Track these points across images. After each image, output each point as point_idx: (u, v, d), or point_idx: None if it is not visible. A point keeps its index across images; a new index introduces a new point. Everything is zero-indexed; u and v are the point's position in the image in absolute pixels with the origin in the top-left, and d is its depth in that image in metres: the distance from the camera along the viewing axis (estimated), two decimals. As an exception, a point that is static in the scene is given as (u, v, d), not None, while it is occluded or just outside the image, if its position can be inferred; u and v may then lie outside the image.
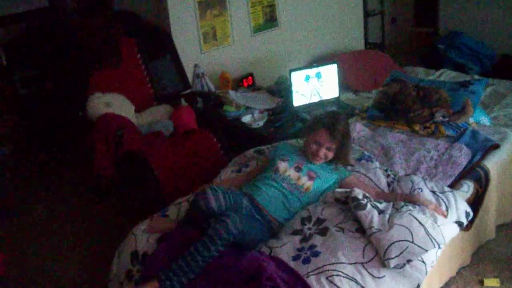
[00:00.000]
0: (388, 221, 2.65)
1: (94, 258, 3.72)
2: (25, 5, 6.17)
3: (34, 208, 4.51)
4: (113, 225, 4.07)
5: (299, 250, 2.64)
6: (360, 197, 2.79)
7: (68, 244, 3.96)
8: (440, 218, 2.75)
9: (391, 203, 2.87)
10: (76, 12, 6.26)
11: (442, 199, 2.90)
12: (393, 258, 2.47)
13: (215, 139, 4.03)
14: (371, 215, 2.68)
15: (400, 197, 2.90)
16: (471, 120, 3.88)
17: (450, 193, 2.96)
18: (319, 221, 2.82)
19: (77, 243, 3.95)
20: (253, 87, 5.11)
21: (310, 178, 3.04)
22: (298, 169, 3.06)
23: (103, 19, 4.83)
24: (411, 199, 2.87)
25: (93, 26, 4.63)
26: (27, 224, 4.29)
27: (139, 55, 4.60)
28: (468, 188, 3.19)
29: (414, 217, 2.64)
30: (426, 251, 2.53)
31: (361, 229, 2.70)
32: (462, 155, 3.40)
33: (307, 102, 4.60)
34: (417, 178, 3.10)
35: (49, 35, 5.94)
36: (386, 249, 2.50)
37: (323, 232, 2.73)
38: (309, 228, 2.78)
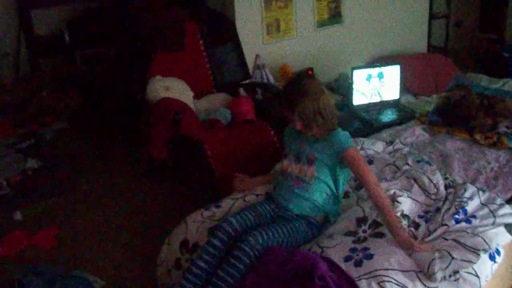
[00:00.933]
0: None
1: (141, 240, 3.74)
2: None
3: (86, 184, 4.56)
4: (164, 208, 4.08)
5: (352, 251, 2.60)
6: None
7: (116, 223, 4.00)
8: (481, 225, 2.73)
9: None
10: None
11: (491, 210, 2.85)
12: (437, 272, 2.42)
13: (272, 131, 4.01)
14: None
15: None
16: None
17: (503, 206, 2.90)
18: (376, 224, 2.78)
19: (125, 223, 3.97)
20: (313, 82, 5.07)
21: (310, 162, 2.89)
22: (298, 159, 2.94)
23: (168, 1, 4.87)
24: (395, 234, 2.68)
25: (158, 7, 4.67)
26: (79, 199, 4.35)
27: (201, 41, 4.62)
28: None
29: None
30: (472, 262, 2.48)
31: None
32: (524, 168, 3.33)
33: (367, 102, 4.55)
34: (471, 188, 3.04)
35: (113, 15, 6.04)
36: (429, 263, 2.45)
37: (379, 235, 2.70)
38: (364, 231, 2.75)
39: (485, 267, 2.53)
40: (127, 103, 4.69)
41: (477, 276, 2.49)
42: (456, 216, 2.80)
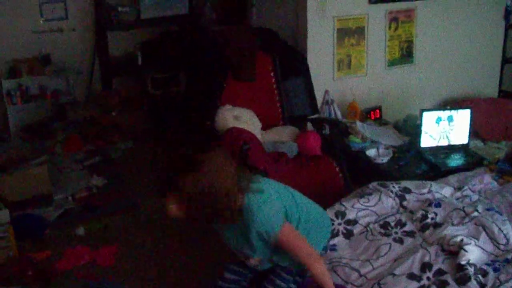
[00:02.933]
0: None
1: (198, 263, 3.77)
2: (167, 10, 6.42)
3: (148, 204, 4.62)
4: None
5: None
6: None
7: (175, 245, 4.04)
8: None
9: None
10: (214, 21, 6.48)
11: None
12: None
13: (337, 168, 4.01)
14: None
15: None
16: None
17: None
18: (440, 272, 2.74)
19: (183, 244, 4.02)
20: (380, 121, 5.05)
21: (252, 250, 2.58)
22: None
23: (243, 31, 4.95)
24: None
25: (232, 37, 4.75)
26: (140, 219, 4.44)
27: (273, 73, 4.66)
28: None
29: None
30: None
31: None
32: None
33: (435, 145, 4.50)
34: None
35: (186, 41, 6.17)
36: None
37: (442, 285, 2.65)
38: (428, 278, 2.71)
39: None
40: (195, 130, 4.75)
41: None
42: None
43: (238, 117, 4.23)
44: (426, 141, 4.48)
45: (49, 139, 6.02)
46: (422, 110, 4.46)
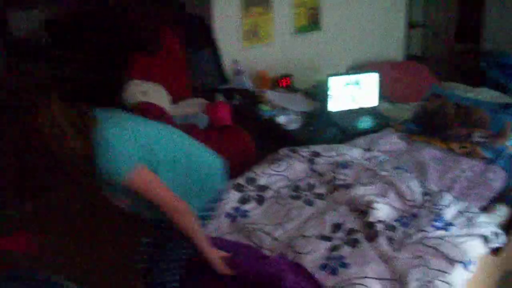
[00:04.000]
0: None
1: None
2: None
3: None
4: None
5: (327, 259, 2.61)
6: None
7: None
8: (460, 234, 2.74)
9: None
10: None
11: (467, 219, 2.88)
12: (412, 282, 2.42)
13: (249, 137, 4.01)
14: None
15: None
16: (509, 144, 3.81)
17: (479, 214, 2.93)
18: (351, 231, 2.80)
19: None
20: (290, 89, 5.07)
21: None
22: None
23: (145, 3, 4.84)
24: None
25: (136, 10, 4.64)
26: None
27: (179, 46, 4.59)
28: (501, 212, 3.13)
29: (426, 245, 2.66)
30: (448, 273, 2.50)
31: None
32: (497, 178, 3.36)
33: (344, 109, 4.56)
34: (448, 196, 3.07)
35: (90, 15, 5.99)
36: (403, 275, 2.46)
37: (353, 243, 2.71)
38: (340, 238, 2.76)
39: (459, 277, 2.55)
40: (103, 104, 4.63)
41: (451, 285, 2.50)
42: (435, 223, 2.83)
43: (146, 92, 4.15)
44: (335, 105, 4.54)
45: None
46: (328, 75, 4.51)
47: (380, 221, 2.83)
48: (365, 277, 2.44)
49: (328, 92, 4.49)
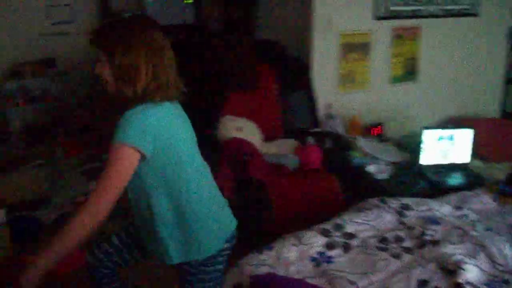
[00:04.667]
0: None
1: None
2: (174, 19, 6.43)
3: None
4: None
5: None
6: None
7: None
8: None
9: None
10: (220, 32, 6.50)
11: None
12: None
13: (337, 183, 4.01)
14: None
15: None
16: None
17: None
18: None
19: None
20: (382, 137, 5.05)
21: None
22: None
23: (246, 43, 4.96)
24: None
25: (236, 48, 4.76)
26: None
27: (275, 85, 4.67)
28: None
29: None
30: None
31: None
32: None
33: (435, 163, 4.49)
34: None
35: (189, 50, 6.18)
36: None
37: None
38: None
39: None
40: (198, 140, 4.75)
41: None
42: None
43: (240, 128, 4.23)
44: (426, 158, 4.48)
45: (49, 142, 6.01)
46: (423, 128, 4.47)
47: (468, 283, 2.75)
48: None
49: (421, 145, 4.44)
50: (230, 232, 2.46)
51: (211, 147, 4.27)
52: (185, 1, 6.29)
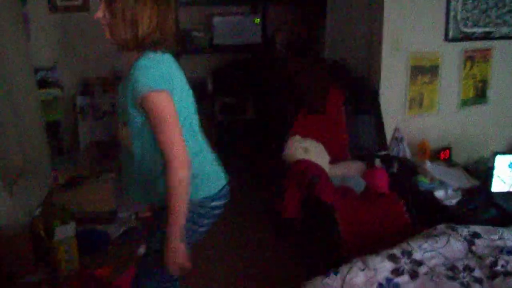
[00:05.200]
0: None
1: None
2: (240, 38, 6.47)
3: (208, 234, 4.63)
4: (284, 269, 4.10)
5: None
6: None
7: (234, 276, 4.05)
8: None
9: None
10: (286, 52, 6.54)
11: None
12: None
13: (405, 207, 3.97)
14: None
15: None
16: None
17: None
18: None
19: (246, 279, 4.02)
20: (449, 162, 4.97)
21: (124, 118, 2.25)
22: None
23: (316, 63, 4.99)
24: None
25: (305, 68, 4.79)
26: (198, 250, 4.42)
27: (343, 108, 4.67)
28: None
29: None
30: None
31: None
32: None
33: (507, 190, 4.38)
34: None
35: (257, 69, 6.25)
36: None
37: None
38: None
39: None
40: (263, 158, 4.79)
41: None
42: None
43: (307, 149, 4.25)
44: (498, 185, 4.37)
45: (117, 157, 6.12)
46: (496, 153, 4.37)
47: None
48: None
49: (493, 171, 4.34)
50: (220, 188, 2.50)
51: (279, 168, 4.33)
52: (254, 21, 6.33)
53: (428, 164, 4.62)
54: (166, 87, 2.10)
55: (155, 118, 2.09)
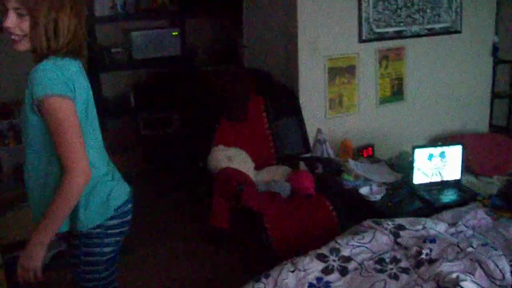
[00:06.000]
0: None
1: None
2: (160, 51, 6.43)
3: (144, 248, 4.61)
4: (218, 276, 4.12)
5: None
6: None
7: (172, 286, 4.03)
8: None
9: None
10: (206, 63, 6.56)
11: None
12: None
13: (331, 207, 4.02)
14: None
15: None
16: None
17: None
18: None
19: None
20: (373, 159, 5.08)
21: (23, 126, 2.21)
22: None
23: (236, 72, 5.01)
24: None
25: (225, 77, 4.81)
26: (134, 263, 4.40)
27: (265, 113, 4.71)
28: None
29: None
30: None
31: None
32: None
33: (428, 181, 4.51)
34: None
35: (178, 82, 6.23)
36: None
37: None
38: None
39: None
40: (189, 170, 4.77)
41: None
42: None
43: (231, 158, 4.25)
44: (419, 177, 4.50)
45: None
46: (414, 147, 4.49)
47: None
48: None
49: (413, 164, 4.46)
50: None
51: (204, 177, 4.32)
52: (172, 34, 6.31)
53: (351, 163, 4.71)
54: (67, 93, 2.02)
55: (53, 123, 2.00)
